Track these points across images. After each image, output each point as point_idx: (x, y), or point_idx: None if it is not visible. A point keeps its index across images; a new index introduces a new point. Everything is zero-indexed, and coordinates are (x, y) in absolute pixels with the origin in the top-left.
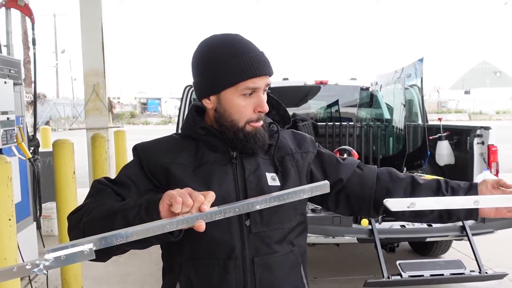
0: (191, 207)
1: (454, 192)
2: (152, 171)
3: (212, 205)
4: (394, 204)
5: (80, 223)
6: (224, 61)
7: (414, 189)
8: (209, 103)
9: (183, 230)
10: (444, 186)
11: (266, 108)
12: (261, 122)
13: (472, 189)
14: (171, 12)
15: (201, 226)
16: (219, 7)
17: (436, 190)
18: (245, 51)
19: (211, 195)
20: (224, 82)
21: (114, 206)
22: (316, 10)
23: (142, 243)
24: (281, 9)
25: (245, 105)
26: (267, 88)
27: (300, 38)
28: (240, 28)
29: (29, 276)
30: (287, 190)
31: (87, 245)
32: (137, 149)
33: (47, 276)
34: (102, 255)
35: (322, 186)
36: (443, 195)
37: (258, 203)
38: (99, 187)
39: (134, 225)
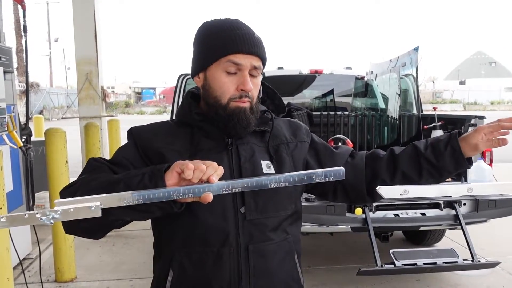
0: (203, 172)
1: (434, 149)
2: (148, 153)
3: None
4: (387, 192)
5: (75, 196)
6: (210, 37)
7: (396, 165)
8: (198, 80)
9: (185, 203)
10: (422, 147)
11: (250, 87)
12: (247, 103)
13: (452, 140)
14: (167, 1)
15: (208, 196)
16: None
17: (416, 156)
18: (233, 27)
19: (221, 169)
20: (208, 57)
21: (114, 176)
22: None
23: (144, 213)
24: None
25: (228, 82)
26: (259, 72)
27: (295, 27)
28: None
29: (22, 265)
30: (298, 172)
31: (95, 202)
32: (132, 132)
33: (40, 266)
34: (101, 227)
35: (336, 172)
36: (424, 156)
37: (268, 181)
38: (95, 164)
39: None
